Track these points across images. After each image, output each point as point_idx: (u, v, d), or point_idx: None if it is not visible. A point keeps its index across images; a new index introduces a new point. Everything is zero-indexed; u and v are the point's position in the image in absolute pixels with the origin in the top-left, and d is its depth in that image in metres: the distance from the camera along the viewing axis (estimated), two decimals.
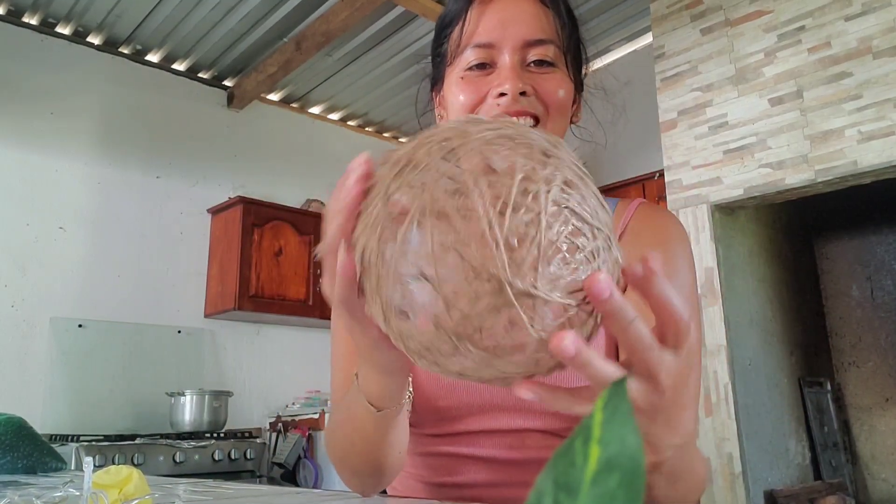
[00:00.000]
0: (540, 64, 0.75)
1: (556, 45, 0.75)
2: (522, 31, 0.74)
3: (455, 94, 0.77)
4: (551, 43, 0.75)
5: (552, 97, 0.74)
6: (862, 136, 2.30)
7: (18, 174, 3.25)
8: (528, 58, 0.75)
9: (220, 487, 0.87)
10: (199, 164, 3.85)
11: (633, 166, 3.63)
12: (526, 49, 0.74)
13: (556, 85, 0.75)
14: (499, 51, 0.75)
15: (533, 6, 0.76)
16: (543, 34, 0.75)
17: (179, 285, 3.66)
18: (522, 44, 0.74)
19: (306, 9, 3.39)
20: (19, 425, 1.14)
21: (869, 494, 2.97)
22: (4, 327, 3.09)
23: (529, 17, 0.75)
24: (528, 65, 0.75)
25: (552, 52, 0.75)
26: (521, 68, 0.74)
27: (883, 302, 3.05)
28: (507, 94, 0.72)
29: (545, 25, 0.75)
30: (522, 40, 0.74)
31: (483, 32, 0.75)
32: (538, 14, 0.75)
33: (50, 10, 3.34)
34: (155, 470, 2.67)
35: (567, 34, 0.77)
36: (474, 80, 0.75)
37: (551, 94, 0.74)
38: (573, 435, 0.22)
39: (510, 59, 0.74)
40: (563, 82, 0.76)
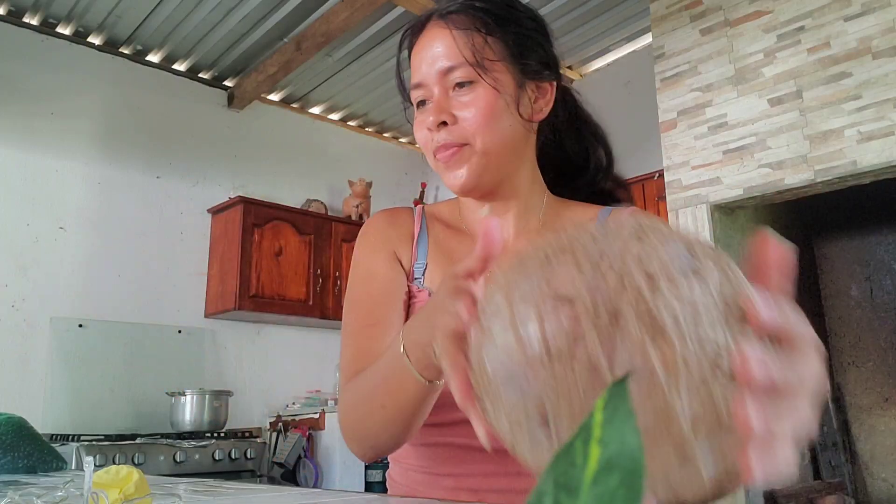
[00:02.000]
0: (461, 86, 0.80)
1: (469, 64, 0.79)
2: (436, 63, 0.81)
3: (416, 133, 0.84)
4: (462, 64, 0.79)
5: (472, 119, 0.79)
6: (861, 137, 2.30)
7: (19, 174, 3.25)
8: (451, 83, 0.80)
9: (220, 487, 0.87)
10: (200, 164, 3.85)
11: (633, 166, 3.63)
12: (445, 78, 0.80)
13: (475, 104, 0.79)
14: (428, 87, 0.82)
15: (441, 36, 0.81)
16: (451, 60, 0.80)
17: (180, 285, 3.66)
18: (439, 75, 0.80)
19: (306, 9, 3.40)
20: (20, 425, 1.14)
21: (868, 494, 2.97)
22: (5, 327, 3.09)
23: (441, 48, 0.81)
24: (454, 89, 0.80)
25: (467, 71, 0.79)
26: (444, 99, 0.80)
27: (882, 302, 3.05)
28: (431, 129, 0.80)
29: (454, 50, 0.80)
30: (438, 72, 0.80)
31: (414, 73, 0.83)
32: (446, 42, 0.81)
33: (50, 10, 3.34)
34: (155, 469, 2.67)
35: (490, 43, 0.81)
36: (421, 118, 0.83)
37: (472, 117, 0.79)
38: (573, 435, 0.22)
39: (436, 92, 0.81)
40: (482, 97, 0.79)
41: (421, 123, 0.82)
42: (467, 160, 0.80)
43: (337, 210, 4.28)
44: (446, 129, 0.79)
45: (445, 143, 0.79)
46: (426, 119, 0.81)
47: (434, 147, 0.81)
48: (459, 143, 0.80)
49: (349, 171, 4.35)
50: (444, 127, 0.79)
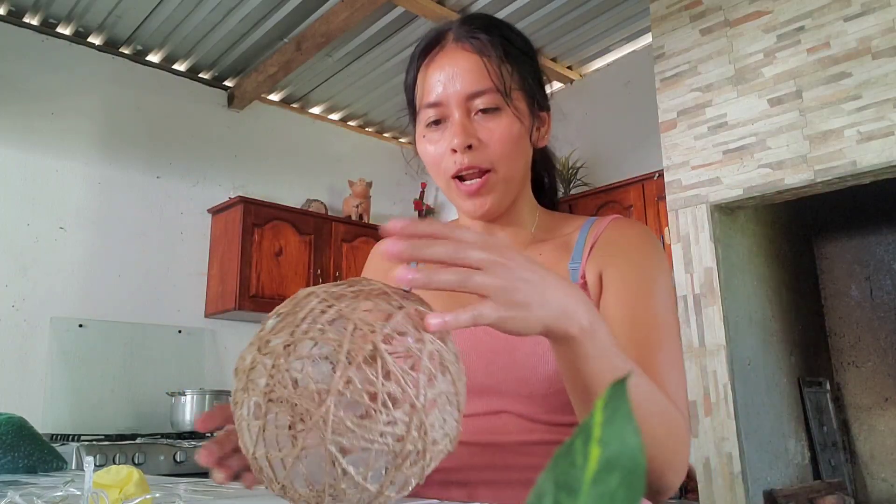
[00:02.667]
0: (485, 112, 0.82)
1: (496, 91, 0.81)
2: (462, 86, 0.81)
3: (423, 150, 0.86)
4: (491, 91, 0.81)
5: (499, 145, 0.81)
6: (861, 137, 2.30)
7: (19, 174, 3.25)
8: (474, 108, 0.82)
9: (220, 487, 0.87)
10: (200, 164, 3.85)
11: (633, 166, 3.63)
12: (469, 101, 0.81)
13: (502, 131, 0.81)
14: (447, 107, 0.82)
15: (468, 60, 0.82)
16: (481, 85, 0.81)
17: (180, 285, 3.66)
18: (464, 98, 0.81)
19: (306, 9, 3.39)
20: (20, 425, 1.14)
21: (868, 494, 2.97)
22: (5, 327, 3.09)
23: (467, 72, 0.82)
24: (476, 114, 0.82)
25: (494, 98, 0.81)
26: (468, 121, 0.81)
27: (882, 302, 3.05)
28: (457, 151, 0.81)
29: (482, 76, 0.81)
30: (464, 95, 0.81)
31: (431, 92, 0.83)
32: (475, 66, 0.82)
33: (51, 10, 3.34)
34: (155, 469, 2.67)
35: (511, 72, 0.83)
36: (434, 137, 0.84)
37: (497, 143, 0.81)
38: (574, 435, 0.22)
39: (457, 114, 0.81)
40: (508, 126, 0.82)
41: (436, 142, 0.83)
42: (493, 188, 0.83)
43: (337, 210, 4.28)
44: (470, 152, 0.81)
45: (471, 164, 0.81)
46: (448, 140, 0.81)
47: (454, 169, 0.82)
48: (483, 167, 0.81)
49: (349, 171, 4.35)
50: (468, 150, 0.80)
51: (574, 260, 0.86)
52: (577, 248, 0.87)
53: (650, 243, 0.86)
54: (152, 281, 3.56)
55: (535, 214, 0.93)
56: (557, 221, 0.94)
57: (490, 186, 0.82)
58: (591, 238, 0.87)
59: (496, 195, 0.83)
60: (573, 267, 0.85)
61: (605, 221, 0.89)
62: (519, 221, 0.91)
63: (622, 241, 0.85)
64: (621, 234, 0.86)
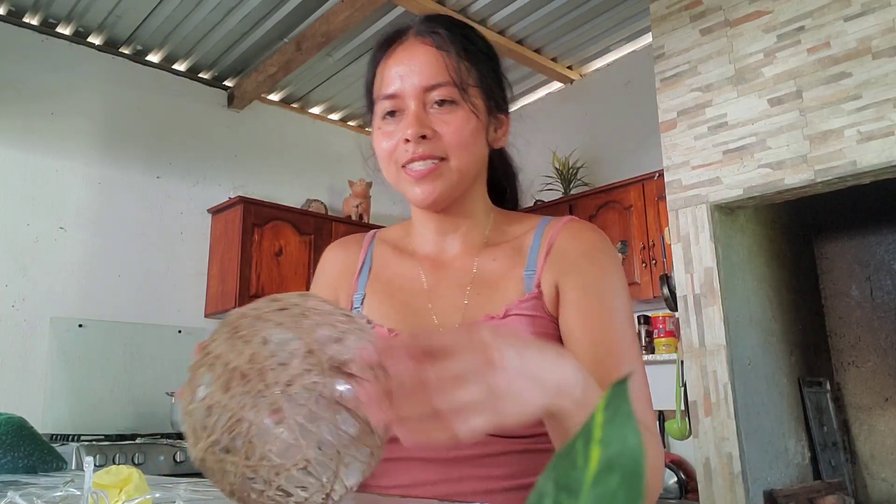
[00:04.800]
0: (441, 105, 0.83)
1: (453, 84, 0.82)
2: (420, 78, 0.83)
3: (377, 143, 0.87)
4: (448, 84, 0.82)
5: (453, 137, 0.82)
6: (861, 137, 2.30)
7: (19, 174, 3.25)
8: (430, 100, 0.83)
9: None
10: (200, 164, 3.85)
11: (633, 166, 3.63)
12: (426, 93, 0.83)
13: (457, 124, 0.83)
14: (403, 99, 0.83)
15: (427, 53, 0.84)
16: (439, 78, 0.83)
17: (180, 285, 3.66)
18: (421, 90, 0.83)
19: (306, 9, 3.40)
20: (20, 425, 1.14)
21: (868, 494, 2.97)
22: (5, 327, 3.09)
23: (423, 65, 0.83)
24: (432, 106, 0.83)
25: (450, 91, 0.82)
26: (423, 112, 0.83)
27: (882, 302, 3.05)
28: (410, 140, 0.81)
29: (440, 69, 0.83)
30: (421, 87, 0.83)
31: (388, 84, 0.85)
32: (433, 59, 0.83)
33: (51, 10, 3.34)
34: (155, 469, 2.67)
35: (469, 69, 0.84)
36: (388, 129, 0.85)
37: (452, 134, 0.82)
38: (574, 435, 0.22)
39: (413, 105, 0.83)
40: (464, 119, 0.83)
41: (391, 134, 0.84)
42: (441, 175, 0.83)
43: (337, 210, 4.28)
44: (424, 142, 0.81)
45: (423, 154, 0.81)
46: (401, 129, 0.83)
47: (406, 158, 0.82)
48: (437, 156, 0.82)
49: (349, 171, 4.35)
50: (422, 140, 0.81)
51: (528, 267, 0.86)
52: (532, 255, 0.87)
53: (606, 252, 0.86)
54: (152, 281, 3.56)
55: (489, 216, 0.93)
56: (511, 222, 0.94)
57: (440, 173, 0.83)
58: (545, 243, 0.87)
59: (445, 183, 0.83)
60: (527, 274, 0.86)
61: (558, 224, 0.89)
62: (472, 219, 0.91)
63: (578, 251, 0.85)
64: (578, 243, 0.86)
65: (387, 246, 0.97)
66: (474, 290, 0.87)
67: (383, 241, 0.99)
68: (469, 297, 0.87)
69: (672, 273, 2.77)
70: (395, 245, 0.97)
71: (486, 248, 0.91)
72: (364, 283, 0.94)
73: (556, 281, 0.84)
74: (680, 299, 2.66)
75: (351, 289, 0.95)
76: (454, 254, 0.92)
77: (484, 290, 0.87)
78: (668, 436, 3.18)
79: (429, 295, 0.89)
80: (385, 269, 0.94)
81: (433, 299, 0.89)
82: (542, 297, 0.84)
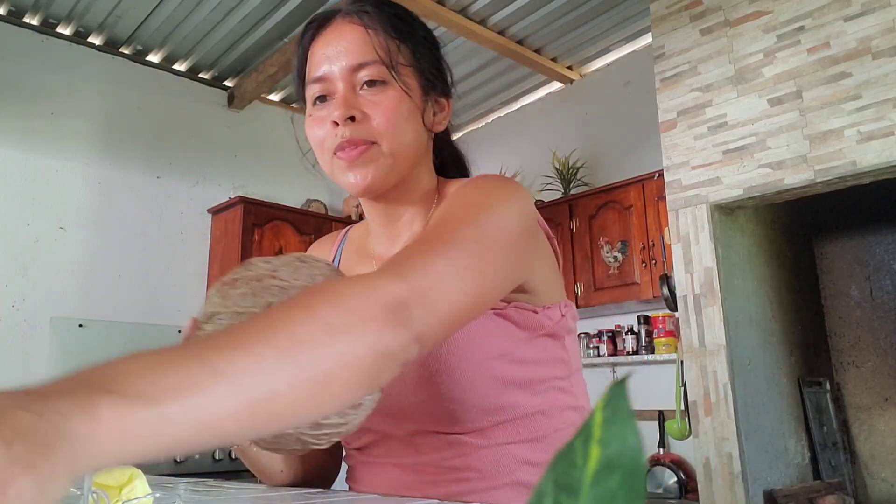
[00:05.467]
0: (371, 85, 0.78)
1: (381, 63, 0.78)
2: (346, 58, 0.78)
3: (309, 130, 0.82)
4: (375, 63, 0.78)
5: (383, 117, 0.77)
6: (861, 137, 2.30)
7: (19, 174, 3.25)
8: (359, 81, 0.78)
9: (220, 487, 0.87)
10: (200, 165, 3.85)
11: (633, 166, 3.63)
12: (354, 74, 0.78)
13: (387, 104, 0.78)
14: (332, 82, 0.79)
15: (354, 32, 0.79)
16: (366, 57, 0.78)
17: (180, 285, 3.66)
18: (349, 71, 0.78)
19: (306, 9, 3.39)
20: None
21: (868, 494, 2.97)
22: (5, 327, 3.09)
23: (351, 44, 0.79)
24: (362, 87, 0.78)
25: (379, 70, 0.78)
26: (352, 94, 0.78)
27: (882, 302, 3.05)
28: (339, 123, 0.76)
29: (367, 48, 0.78)
30: (349, 67, 0.78)
31: (316, 67, 0.80)
32: (359, 38, 0.79)
33: (51, 10, 3.34)
34: (155, 469, 2.66)
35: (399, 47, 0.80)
36: (320, 114, 0.80)
37: (382, 115, 0.77)
38: (574, 435, 0.22)
39: (341, 87, 0.78)
40: (395, 98, 0.78)
41: (321, 119, 0.80)
42: (374, 160, 0.78)
43: (337, 210, 4.28)
44: (353, 124, 0.77)
45: (352, 138, 0.77)
46: (330, 113, 0.78)
47: (336, 143, 0.77)
48: (367, 140, 0.77)
49: None
50: (350, 123, 0.77)
51: None
52: None
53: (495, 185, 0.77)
54: (152, 281, 3.56)
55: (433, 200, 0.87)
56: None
57: (371, 157, 0.78)
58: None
59: (378, 168, 0.78)
60: None
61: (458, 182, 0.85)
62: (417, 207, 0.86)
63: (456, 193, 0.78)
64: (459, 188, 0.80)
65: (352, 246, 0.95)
66: None
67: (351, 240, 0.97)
68: None
69: (672, 273, 2.77)
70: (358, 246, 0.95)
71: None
72: None
73: None
74: (680, 299, 2.66)
75: None
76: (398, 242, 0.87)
77: None
78: (668, 436, 3.18)
79: None
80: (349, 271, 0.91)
81: None
82: None
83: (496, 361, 0.77)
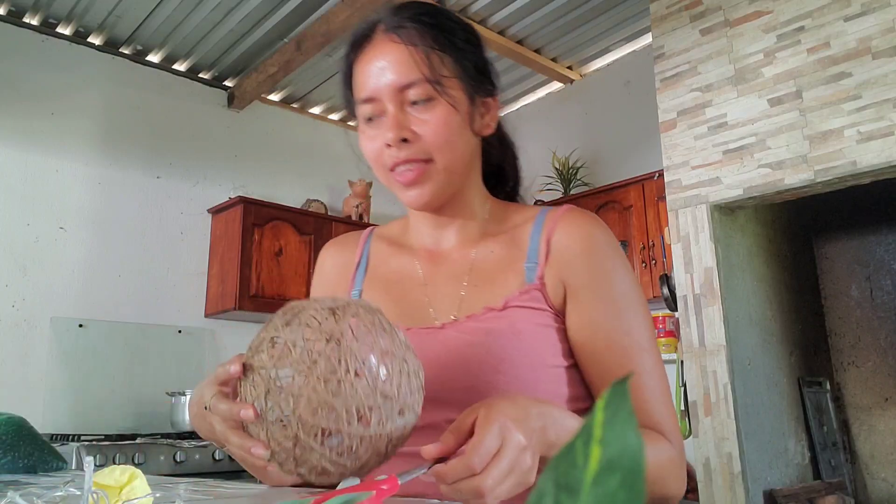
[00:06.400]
0: (418, 104, 0.80)
1: (426, 81, 0.80)
2: (392, 79, 0.80)
3: (363, 147, 0.85)
4: (420, 81, 0.80)
5: (434, 136, 0.80)
6: (861, 137, 2.30)
7: (19, 174, 3.25)
8: (407, 100, 0.81)
9: (220, 487, 0.87)
10: (200, 165, 3.85)
11: (633, 166, 3.63)
12: (401, 93, 0.80)
13: (437, 122, 0.80)
14: (380, 101, 0.81)
15: (396, 51, 0.81)
16: (411, 76, 0.80)
17: (180, 285, 3.66)
18: (396, 91, 0.80)
19: (307, 9, 3.39)
20: (20, 425, 1.14)
21: (868, 494, 2.97)
22: (5, 327, 3.09)
23: (393, 64, 0.81)
24: (410, 106, 0.81)
25: (425, 89, 0.80)
26: (401, 114, 0.80)
27: (882, 302, 3.05)
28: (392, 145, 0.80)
29: (410, 67, 0.80)
30: (395, 88, 0.80)
31: (363, 88, 0.83)
32: (401, 57, 0.81)
33: (51, 10, 3.34)
34: (156, 469, 2.67)
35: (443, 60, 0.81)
36: (371, 133, 0.83)
37: (433, 135, 0.80)
38: (575, 435, 0.22)
39: (391, 108, 0.80)
40: (443, 115, 0.80)
41: (374, 138, 0.82)
42: (430, 178, 0.81)
43: (337, 210, 4.28)
44: (406, 145, 0.80)
45: (407, 158, 0.80)
46: (383, 134, 0.81)
47: (392, 162, 0.81)
48: (421, 158, 0.80)
49: (349, 171, 4.35)
50: (403, 144, 0.80)
51: (529, 259, 0.85)
52: (532, 247, 0.86)
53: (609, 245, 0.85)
54: (152, 281, 3.56)
55: (486, 206, 0.92)
56: (509, 213, 0.93)
57: (428, 176, 0.81)
58: (545, 235, 0.85)
59: (435, 185, 0.82)
60: (528, 266, 0.84)
61: (557, 214, 0.87)
62: (467, 213, 0.90)
63: (581, 247, 0.84)
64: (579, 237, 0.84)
65: (384, 242, 0.97)
66: (471, 281, 0.87)
67: (380, 237, 0.99)
68: (466, 288, 0.86)
69: (672, 273, 2.77)
70: (393, 241, 0.97)
71: (484, 239, 0.90)
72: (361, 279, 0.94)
73: (562, 280, 0.83)
74: (680, 299, 2.66)
75: (348, 286, 0.95)
76: (451, 246, 0.91)
77: (482, 282, 0.86)
78: None
79: (425, 287, 0.89)
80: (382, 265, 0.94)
81: (429, 292, 0.89)
82: (544, 289, 0.83)
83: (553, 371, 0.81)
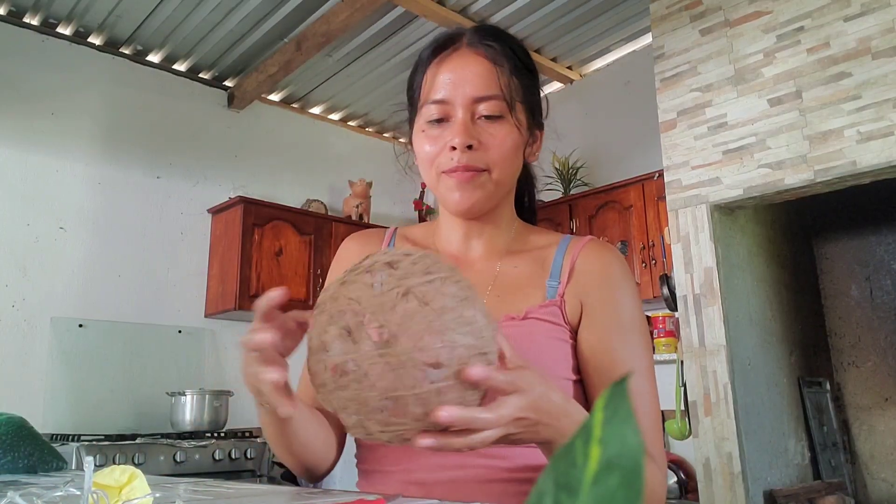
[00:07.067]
0: (489, 118, 0.85)
1: (502, 99, 0.85)
2: (471, 88, 0.85)
3: (420, 145, 0.89)
4: (497, 98, 0.85)
5: (497, 150, 0.85)
6: (861, 137, 2.30)
7: (19, 174, 3.25)
8: (478, 112, 0.85)
9: (220, 487, 0.87)
10: (200, 165, 3.85)
11: (633, 166, 3.63)
12: (475, 104, 0.85)
13: (502, 138, 0.85)
14: (452, 106, 0.85)
15: (481, 65, 0.86)
16: (490, 91, 0.85)
17: (180, 285, 3.66)
18: (471, 100, 0.85)
19: (307, 9, 3.40)
20: (20, 425, 1.14)
21: (868, 494, 2.97)
22: (5, 327, 3.09)
23: (477, 76, 0.85)
24: (479, 118, 0.85)
25: (499, 106, 0.85)
26: (470, 122, 0.85)
27: (882, 302, 3.05)
28: (456, 148, 0.83)
29: (492, 82, 0.85)
30: (471, 97, 0.85)
31: (438, 90, 0.86)
32: (486, 72, 0.85)
33: (51, 10, 3.35)
34: (156, 469, 2.67)
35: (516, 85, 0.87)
36: (433, 133, 0.86)
37: (497, 148, 0.85)
38: (574, 434, 0.22)
39: (461, 114, 0.84)
40: (509, 133, 0.85)
41: (436, 139, 0.86)
42: (482, 186, 0.85)
43: (337, 210, 4.28)
44: (469, 152, 0.83)
45: (468, 164, 0.84)
46: (445, 136, 0.84)
47: (450, 166, 0.84)
48: (480, 167, 0.84)
49: (349, 171, 4.35)
50: (468, 150, 0.83)
51: (552, 277, 0.90)
52: (555, 267, 0.91)
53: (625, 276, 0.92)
54: (152, 281, 3.56)
55: (514, 225, 0.97)
56: (533, 234, 0.98)
57: (480, 183, 0.85)
58: (569, 259, 0.91)
59: (484, 194, 0.86)
60: (551, 284, 0.89)
61: (581, 243, 0.93)
62: (498, 227, 0.94)
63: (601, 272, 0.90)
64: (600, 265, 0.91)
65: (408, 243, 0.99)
66: (495, 291, 0.90)
67: (405, 237, 1.00)
68: (489, 297, 0.89)
69: (672, 273, 2.77)
70: (418, 243, 0.99)
71: (509, 254, 0.94)
72: None
73: (580, 299, 0.88)
74: (680, 299, 2.66)
75: None
76: (477, 256, 0.94)
77: (505, 293, 0.90)
78: (668, 436, 3.18)
79: None
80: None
81: None
82: (563, 306, 0.87)
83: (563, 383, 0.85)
